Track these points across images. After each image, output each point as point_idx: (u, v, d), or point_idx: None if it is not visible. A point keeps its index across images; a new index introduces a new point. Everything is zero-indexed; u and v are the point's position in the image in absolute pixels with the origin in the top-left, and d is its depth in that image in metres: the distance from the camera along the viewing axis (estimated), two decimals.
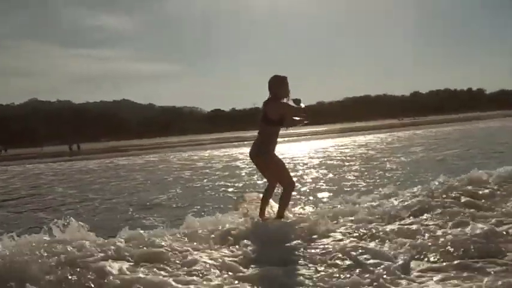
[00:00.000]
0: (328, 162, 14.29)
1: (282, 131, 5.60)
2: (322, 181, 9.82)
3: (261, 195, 5.85)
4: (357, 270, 3.69)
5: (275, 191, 5.84)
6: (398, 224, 5.03)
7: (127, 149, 49.92)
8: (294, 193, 7.87)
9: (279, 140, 5.53)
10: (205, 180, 11.73)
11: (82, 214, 7.81)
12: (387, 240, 4.47)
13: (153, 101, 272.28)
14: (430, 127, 41.98)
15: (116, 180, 13.48)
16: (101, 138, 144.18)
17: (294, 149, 22.69)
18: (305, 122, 5.77)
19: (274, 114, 5.42)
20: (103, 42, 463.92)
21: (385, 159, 13.86)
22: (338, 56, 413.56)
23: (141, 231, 4.75)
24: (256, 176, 10.93)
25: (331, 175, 10.86)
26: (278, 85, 5.49)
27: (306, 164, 14.23)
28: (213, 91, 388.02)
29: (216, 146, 38.26)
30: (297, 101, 5.79)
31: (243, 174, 12.40)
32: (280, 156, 5.58)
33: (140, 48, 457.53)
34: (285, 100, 5.58)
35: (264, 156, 5.49)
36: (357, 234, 4.73)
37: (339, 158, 15.68)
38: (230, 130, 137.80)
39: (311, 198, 7.69)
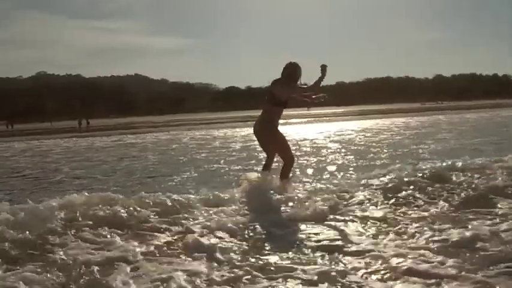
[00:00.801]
0: (353, 147, 13.36)
1: (303, 111, 5.46)
2: (351, 169, 8.95)
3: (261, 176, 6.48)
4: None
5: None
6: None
7: (139, 126, 49.25)
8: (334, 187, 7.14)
9: (298, 120, 5.40)
10: (222, 162, 10.99)
11: None
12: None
13: (166, 77, 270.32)
14: (453, 113, 40.63)
15: (126, 160, 12.70)
16: (110, 115, 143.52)
17: (313, 132, 21.74)
18: (317, 101, 6.44)
19: (284, 96, 6.03)
20: (113, 14, 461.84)
21: (415, 146, 12.91)
22: (357, 36, 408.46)
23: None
24: (275, 159, 10.06)
25: (358, 162, 9.99)
26: (294, 72, 6.07)
27: (330, 148, 13.35)
28: (226, 68, 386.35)
29: (231, 125, 37.34)
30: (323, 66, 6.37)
31: (261, 157, 11.53)
32: (296, 138, 5.75)
33: (151, 21, 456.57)
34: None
35: (268, 132, 6.19)
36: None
37: (363, 143, 14.70)
38: (245, 108, 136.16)
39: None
